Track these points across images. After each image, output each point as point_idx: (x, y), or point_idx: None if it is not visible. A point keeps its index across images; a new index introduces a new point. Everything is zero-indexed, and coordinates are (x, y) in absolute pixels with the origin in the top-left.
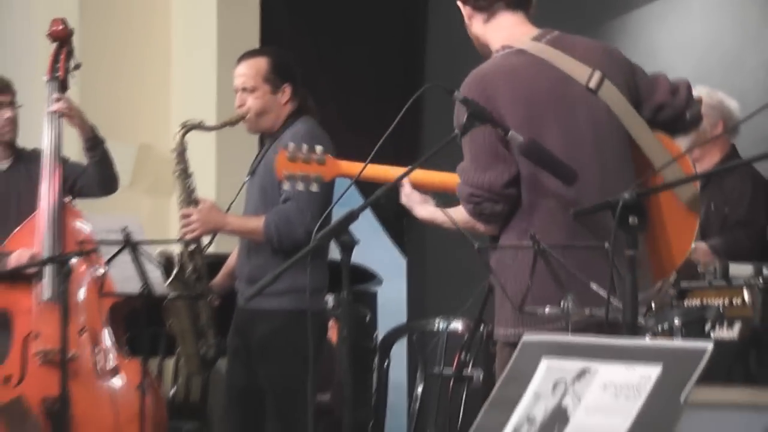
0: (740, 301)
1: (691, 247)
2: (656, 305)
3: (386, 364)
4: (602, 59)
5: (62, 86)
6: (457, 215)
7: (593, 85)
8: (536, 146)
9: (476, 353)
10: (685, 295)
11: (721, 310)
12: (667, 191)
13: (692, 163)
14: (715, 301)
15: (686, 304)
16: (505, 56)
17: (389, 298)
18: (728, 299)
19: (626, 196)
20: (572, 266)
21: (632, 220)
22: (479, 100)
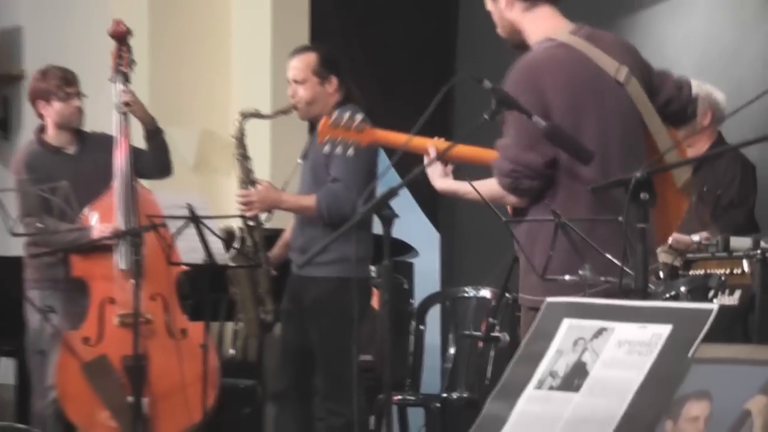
0: (740, 270)
1: (678, 223)
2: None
3: (422, 327)
4: (625, 54)
5: (125, 79)
6: (483, 188)
7: (622, 79)
8: (557, 130)
9: (502, 317)
10: (690, 265)
11: (722, 278)
12: (665, 176)
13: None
14: (717, 270)
15: (691, 273)
16: (549, 48)
17: (424, 268)
18: (729, 269)
19: (638, 174)
20: (591, 239)
21: (644, 195)
22: (527, 86)
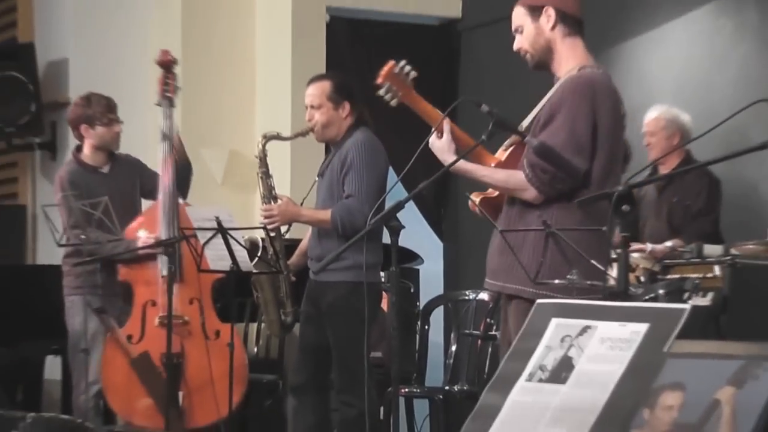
0: (712, 275)
1: None
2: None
3: (427, 327)
4: None
5: (170, 104)
6: (499, 175)
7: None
8: (546, 147)
9: (499, 318)
10: (668, 270)
11: (697, 282)
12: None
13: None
14: (692, 275)
15: (669, 277)
16: (602, 74)
17: (429, 274)
18: (703, 273)
19: (620, 188)
20: (579, 247)
21: (625, 207)
22: (586, 99)
